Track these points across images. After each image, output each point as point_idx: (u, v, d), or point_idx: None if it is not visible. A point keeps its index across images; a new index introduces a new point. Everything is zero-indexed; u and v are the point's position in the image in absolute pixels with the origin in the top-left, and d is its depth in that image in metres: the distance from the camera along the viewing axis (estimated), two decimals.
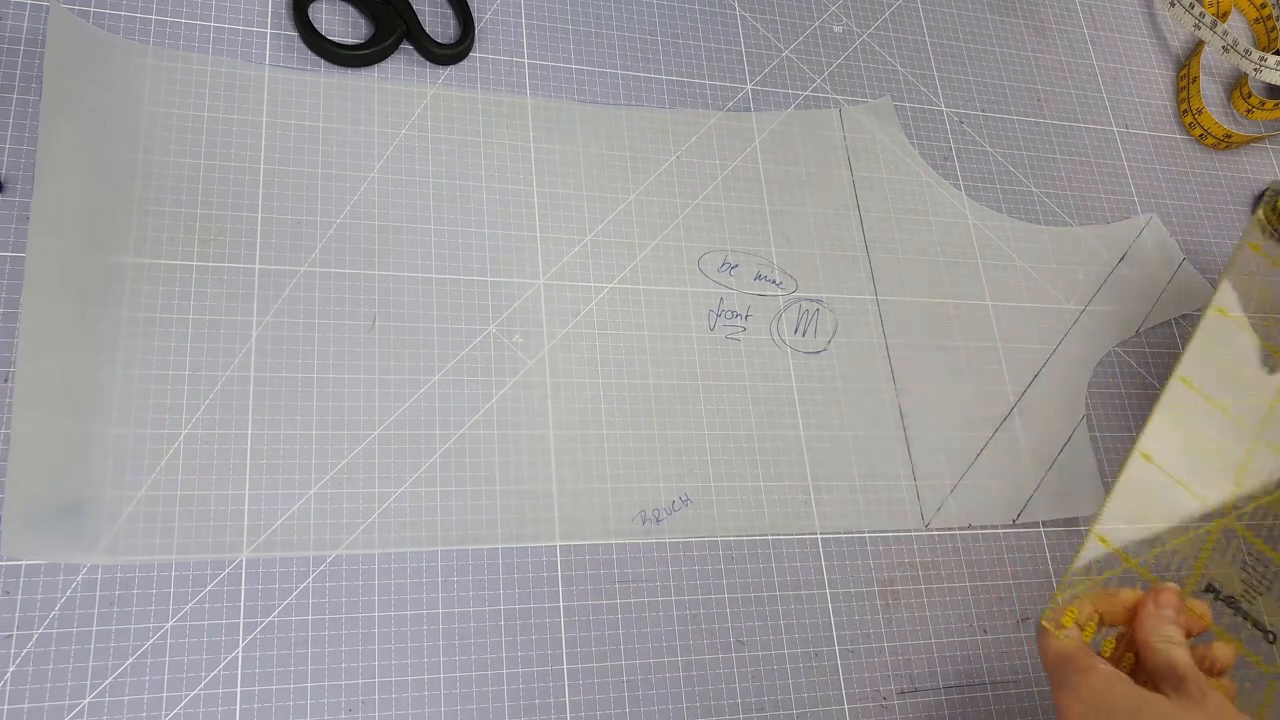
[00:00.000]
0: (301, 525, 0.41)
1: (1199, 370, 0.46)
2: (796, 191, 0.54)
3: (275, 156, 0.46)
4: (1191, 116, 0.65)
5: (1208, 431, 0.46)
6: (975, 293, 0.55)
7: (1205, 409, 0.46)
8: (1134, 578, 0.41)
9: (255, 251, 0.44)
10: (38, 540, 0.38)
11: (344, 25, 0.50)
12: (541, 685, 0.41)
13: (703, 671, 0.43)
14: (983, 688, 0.47)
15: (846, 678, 0.45)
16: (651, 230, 0.51)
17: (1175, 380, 0.46)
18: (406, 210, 0.47)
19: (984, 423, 0.52)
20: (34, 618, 0.37)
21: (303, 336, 0.44)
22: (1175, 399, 0.46)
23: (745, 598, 0.45)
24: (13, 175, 0.42)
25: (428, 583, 0.42)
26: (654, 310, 0.49)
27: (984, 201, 0.58)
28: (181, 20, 0.47)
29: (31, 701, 0.36)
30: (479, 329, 0.46)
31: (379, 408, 0.43)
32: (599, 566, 0.44)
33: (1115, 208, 0.61)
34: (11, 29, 0.44)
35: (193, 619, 0.39)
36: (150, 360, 0.41)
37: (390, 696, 0.40)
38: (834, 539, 0.48)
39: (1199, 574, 0.43)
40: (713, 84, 0.55)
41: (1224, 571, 0.43)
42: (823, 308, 0.52)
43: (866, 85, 0.59)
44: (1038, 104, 0.62)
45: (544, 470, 0.45)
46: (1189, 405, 0.46)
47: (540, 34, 0.53)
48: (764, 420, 0.49)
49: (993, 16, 0.64)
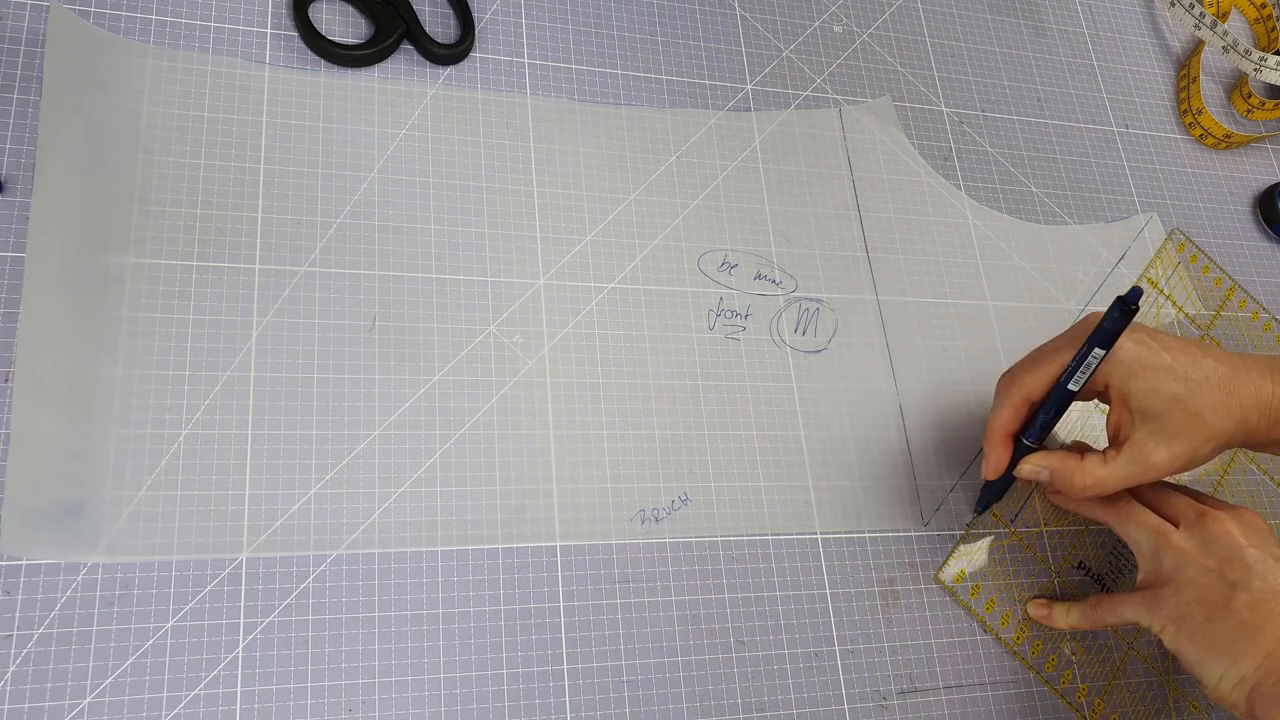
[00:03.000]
0: (301, 525, 0.41)
1: None
2: (796, 191, 0.54)
3: (275, 156, 0.46)
4: (1191, 116, 0.65)
5: (1091, 432, 0.54)
6: (975, 293, 0.55)
7: (1096, 413, 0.54)
8: (1018, 546, 0.50)
9: (255, 251, 0.44)
10: (38, 539, 0.38)
11: (344, 25, 0.50)
12: (541, 685, 0.41)
13: (703, 671, 0.43)
14: (983, 688, 0.47)
15: (846, 678, 0.45)
16: (651, 230, 0.51)
17: None
18: (406, 210, 0.47)
19: (984, 423, 0.52)
20: (34, 618, 0.37)
21: (303, 336, 0.44)
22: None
23: (745, 598, 0.45)
24: (13, 175, 0.42)
25: (428, 583, 0.42)
26: (654, 310, 0.49)
27: (984, 201, 0.58)
28: (181, 20, 0.47)
29: (31, 701, 0.36)
30: (479, 329, 0.46)
31: (379, 408, 0.43)
32: (599, 566, 0.44)
33: (1115, 208, 0.61)
34: (11, 29, 0.44)
35: (193, 619, 0.39)
36: (150, 360, 0.41)
37: (390, 696, 0.40)
38: (834, 539, 0.48)
39: (1074, 552, 0.51)
40: (713, 84, 0.55)
41: (1096, 554, 0.51)
42: (823, 307, 0.52)
43: (866, 85, 0.59)
44: (1038, 104, 0.62)
45: (544, 470, 0.45)
46: (1081, 408, 0.54)
47: (540, 34, 0.53)
48: (764, 420, 0.49)
49: (993, 16, 0.64)
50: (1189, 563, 0.42)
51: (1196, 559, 0.42)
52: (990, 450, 0.45)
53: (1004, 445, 0.45)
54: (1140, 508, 0.45)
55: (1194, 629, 0.41)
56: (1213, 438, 0.41)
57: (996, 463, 0.45)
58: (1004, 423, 0.44)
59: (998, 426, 0.45)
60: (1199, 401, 0.41)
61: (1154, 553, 0.43)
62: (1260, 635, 0.39)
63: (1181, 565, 0.42)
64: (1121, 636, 0.50)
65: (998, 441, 0.45)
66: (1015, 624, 0.48)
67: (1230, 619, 0.40)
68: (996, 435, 0.45)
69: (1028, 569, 0.50)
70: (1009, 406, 0.44)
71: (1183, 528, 0.43)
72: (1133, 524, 0.44)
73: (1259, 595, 0.40)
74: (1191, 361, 0.41)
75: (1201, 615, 0.41)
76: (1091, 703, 0.48)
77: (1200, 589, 0.41)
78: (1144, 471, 0.42)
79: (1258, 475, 0.56)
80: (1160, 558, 0.43)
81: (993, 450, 0.45)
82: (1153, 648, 0.50)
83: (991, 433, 0.45)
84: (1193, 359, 0.42)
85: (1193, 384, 0.41)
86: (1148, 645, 0.50)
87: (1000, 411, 0.44)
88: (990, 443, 0.45)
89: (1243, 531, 0.42)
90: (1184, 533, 0.43)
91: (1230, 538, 0.42)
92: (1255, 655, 0.39)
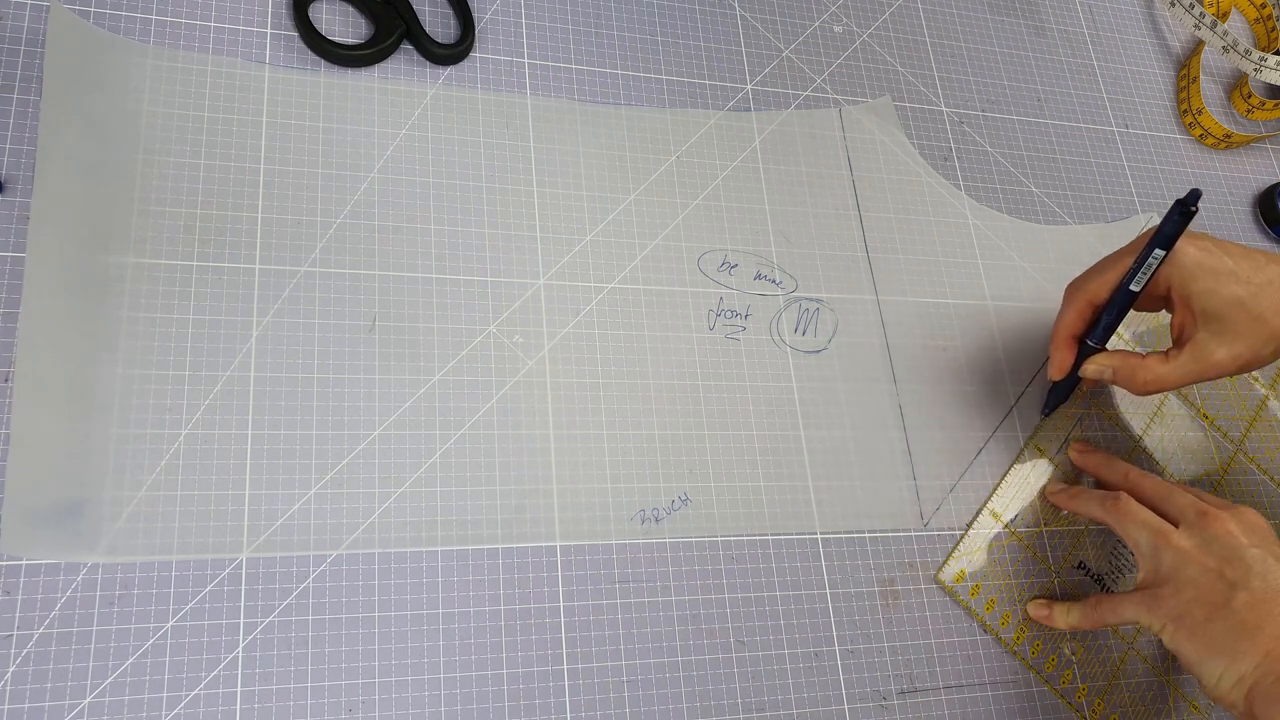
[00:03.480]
0: (301, 525, 0.41)
1: None
2: (796, 191, 0.54)
3: (275, 156, 0.46)
4: (1191, 116, 0.65)
5: (1090, 432, 0.54)
6: (975, 292, 0.55)
7: (1095, 414, 0.55)
8: (1017, 546, 0.50)
9: (255, 251, 0.44)
10: (38, 539, 0.38)
11: (344, 25, 0.50)
12: (541, 685, 0.41)
13: (703, 671, 0.43)
14: (983, 688, 0.47)
15: (846, 678, 0.45)
16: (651, 230, 0.51)
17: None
18: (406, 210, 0.47)
19: (984, 423, 0.52)
20: (34, 618, 0.37)
21: (303, 336, 0.44)
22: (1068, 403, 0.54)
23: (745, 598, 0.45)
24: (13, 175, 0.42)
25: (428, 583, 0.42)
26: (654, 310, 0.49)
27: (984, 201, 0.58)
28: (181, 20, 0.47)
29: (31, 701, 0.36)
30: (479, 329, 0.46)
31: (379, 408, 0.43)
32: (599, 566, 0.44)
33: (1115, 207, 0.61)
34: (11, 29, 0.44)
35: (193, 619, 0.39)
36: (150, 360, 0.41)
37: (390, 696, 0.40)
38: (834, 539, 0.48)
39: (1074, 553, 0.51)
40: (713, 84, 0.55)
41: (1096, 554, 0.51)
42: (823, 307, 0.52)
43: (866, 85, 0.59)
44: (1038, 104, 0.62)
45: (544, 470, 0.45)
46: (1081, 409, 0.54)
47: (540, 34, 0.53)
48: (764, 420, 0.49)
49: (993, 16, 0.64)
50: (1188, 562, 0.42)
51: (1196, 558, 0.42)
52: (1055, 352, 0.48)
53: (1068, 347, 0.48)
54: (1140, 507, 0.45)
55: (1193, 628, 0.41)
56: (1274, 338, 0.43)
57: (1060, 363, 0.48)
58: (1069, 325, 0.47)
59: (1063, 329, 0.47)
60: (1261, 304, 0.43)
61: (1154, 552, 0.43)
62: (1259, 635, 0.39)
63: (1181, 564, 0.42)
64: (1121, 636, 0.50)
65: (1062, 344, 0.48)
66: (1015, 624, 0.48)
67: (1230, 618, 0.40)
68: (1061, 337, 0.48)
69: (1028, 569, 0.50)
70: (1074, 310, 0.47)
71: (1182, 527, 0.43)
72: (1132, 523, 0.44)
73: (1258, 595, 0.40)
74: (1255, 267, 0.43)
75: (1201, 614, 0.41)
76: (1091, 703, 0.48)
77: (1200, 588, 0.41)
78: (1204, 369, 0.44)
79: (1258, 475, 0.56)
80: (1160, 557, 0.43)
81: (1057, 352, 0.48)
82: (1153, 648, 0.50)
83: (1057, 335, 0.48)
84: (1256, 264, 0.43)
85: (1255, 287, 0.43)
86: (1148, 645, 0.50)
87: (1065, 315, 0.47)
88: (1055, 345, 0.48)
89: (1243, 530, 0.42)
90: (1184, 532, 0.43)
91: (1230, 537, 0.42)
92: (1254, 654, 0.39)
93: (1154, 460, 0.55)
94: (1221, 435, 0.56)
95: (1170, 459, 0.55)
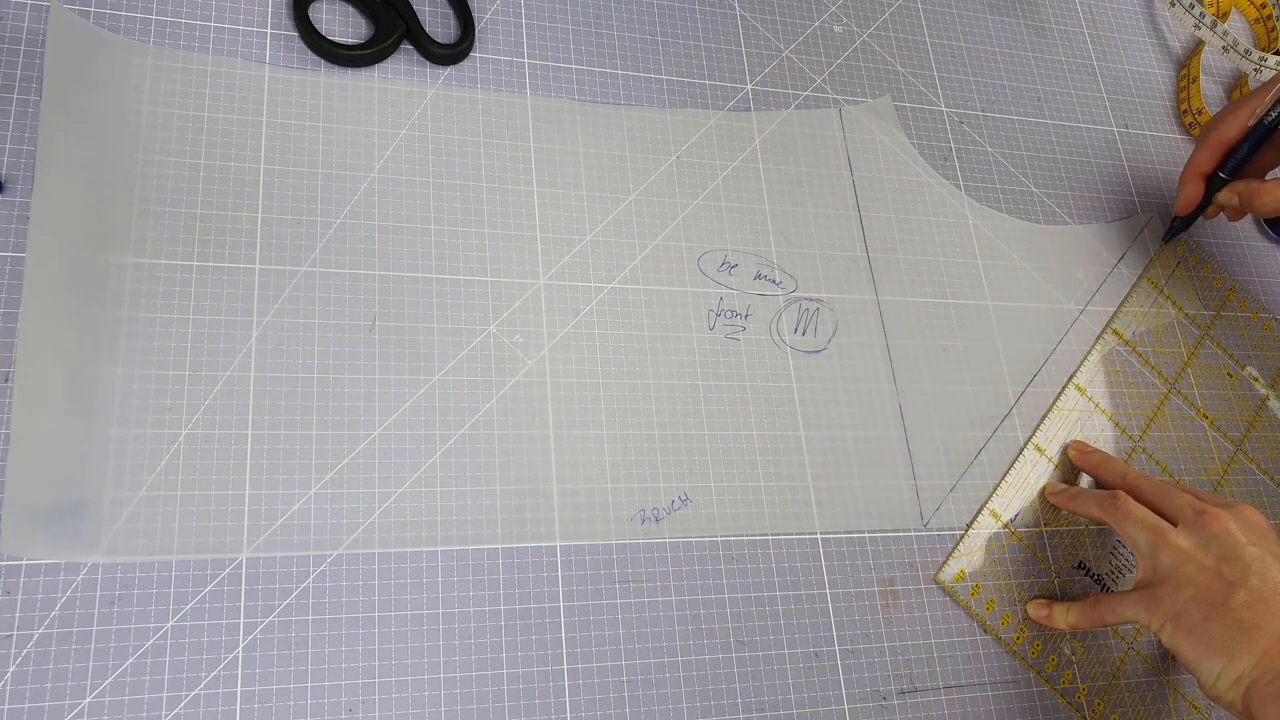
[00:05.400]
0: (301, 525, 0.41)
1: (1090, 380, 0.55)
2: (796, 191, 0.54)
3: (275, 156, 0.46)
4: (1191, 116, 0.65)
5: (1090, 432, 0.54)
6: (975, 293, 0.55)
7: (1094, 414, 0.55)
8: (1017, 546, 0.50)
9: (255, 251, 0.44)
10: (38, 539, 0.38)
11: (344, 25, 0.50)
12: (541, 685, 0.41)
13: (703, 671, 0.43)
14: (983, 688, 0.47)
15: (846, 678, 0.45)
16: (651, 230, 0.51)
17: (1071, 387, 0.55)
18: (406, 210, 0.47)
19: (984, 423, 0.52)
20: (34, 618, 0.37)
21: (303, 336, 0.44)
22: (1067, 403, 0.54)
23: (745, 598, 0.45)
24: (13, 175, 0.42)
25: (428, 583, 0.42)
26: (654, 310, 0.49)
27: (984, 201, 0.58)
28: (181, 20, 0.47)
29: (31, 701, 0.36)
30: (479, 329, 0.46)
31: (379, 408, 0.43)
32: (599, 566, 0.44)
33: (1115, 207, 0.61)
34: (11, 29, 0.44)
35: (193, 619, 0.39)
36: (150, 360, 0.41)
37: (390, 696, 0.40)
38: (834, 539, 0.48)
39: (1073, 552, 0.51)
40: (713, 84, 0.55)
41: (1096, 554, 0.52)
42: (823, 307, 0.52)
43: (866, 85, 0.59)
44: (1038, 104, 0.62)
45: (544, 470, 0.45)
46: (1080, 410, 0.54)
47: (540, 34, 0.53)
48: (764, 420, 0.49)
49: (993, 16, 0.64)
50: (1187, 561, 0.42)
51: (1195, 557, 0.42)
52: (1184, 186, 0.53)
53: (1197, 183, 0.53)
54: (1139, 506, 0.45)
55: (1192, 627, 0.41)
56: None
57: (1187, 199, 0.53)
58: (1200, 162, 0.52)
59: (1194, 166, 0.52)
60: None
61: (1152, 551, 0.43)
62: (1258, 634, 0.39)
63: (1180, 563, 0.42)
64: (1121, 636, 0.50)
65: (1190, 179, 0.53)
66: (1015, 624, 0.48)
67: (1228, 617, 0.40)
68: (1192, 173, 0.53)
69: (1028, 569, 0.50)
70: (1206, 148, 0.51)
71: (1181, 526, 0.43)
72: (1131, 523, 0.44)
73: (1257, 593, 0.40)
74: None
75: (1199, 613, 0.41)
76: (1091, 703, 0.48)
77: (1198, 587, 0.41)
78: None
79: (1258, 475, 0.56)
80: (1159, 556, 0.43)
81: (1185, 186, 0.53)
82: (1153, 648, 0.51)
83: (1188, 171, 0.53)
84: None
85: None
86: (1148, 645, 0.50)
87: (1198, 152, 0.52)
88: (1185, 179, 0.53)
89: (1242, 529, 0.42)
90: (1183, 531, 0.43)
91: (1229, 536, 0.42)
92: (1252, 653, 0.39)
93: (1154, 460, 0.55)
94: (1221, 435, 0.56)
95: (1170, 459, 0.55)
